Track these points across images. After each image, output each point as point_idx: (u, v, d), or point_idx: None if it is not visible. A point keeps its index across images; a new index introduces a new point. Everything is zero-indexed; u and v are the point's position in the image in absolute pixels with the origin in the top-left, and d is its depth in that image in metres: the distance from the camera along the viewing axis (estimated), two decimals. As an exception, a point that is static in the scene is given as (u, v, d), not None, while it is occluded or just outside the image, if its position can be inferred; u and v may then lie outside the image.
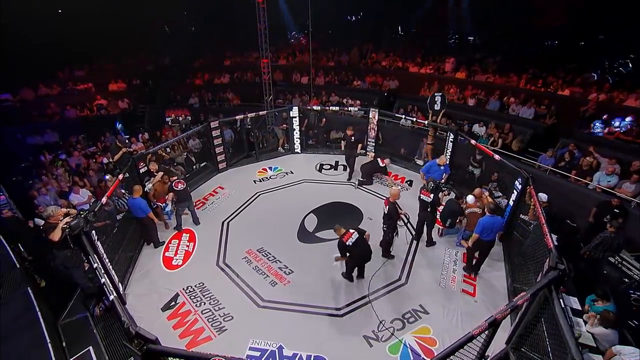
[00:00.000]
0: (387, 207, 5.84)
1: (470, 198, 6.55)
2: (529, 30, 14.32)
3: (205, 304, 5.45)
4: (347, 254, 5.59)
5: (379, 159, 9.05)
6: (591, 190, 7.33)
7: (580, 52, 12.71)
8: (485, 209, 5.71)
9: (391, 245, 6.27)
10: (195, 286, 5.79)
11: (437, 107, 9.35)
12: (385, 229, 6.05)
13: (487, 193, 7.07)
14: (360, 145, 8.95)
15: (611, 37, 12.03)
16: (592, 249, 5.89)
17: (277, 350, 4.69)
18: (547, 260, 4.08)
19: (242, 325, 5.09)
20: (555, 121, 9.74)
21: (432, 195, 6.04)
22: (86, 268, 5.25)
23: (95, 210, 5.07)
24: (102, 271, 4.61)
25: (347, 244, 5.34)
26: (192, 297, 5.58)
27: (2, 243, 5.76)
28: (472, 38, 16.54)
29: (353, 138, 8.97)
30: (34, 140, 11.78)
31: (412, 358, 4.59)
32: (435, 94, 9.40)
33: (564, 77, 10.81)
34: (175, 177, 7.33)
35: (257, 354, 4.64)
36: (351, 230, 5.42)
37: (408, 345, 4.73)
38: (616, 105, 9.13)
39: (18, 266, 5.36)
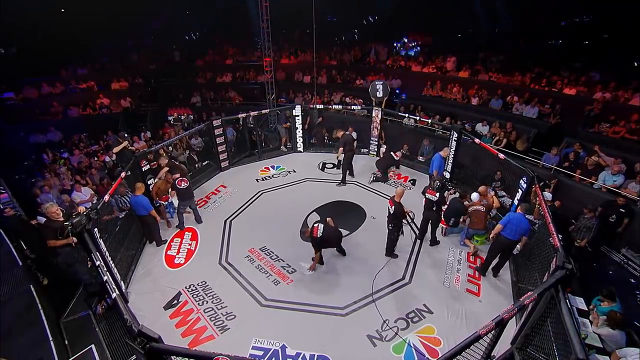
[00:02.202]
0: (393, 207, 5.80)
1: (474, 196, 6.50)
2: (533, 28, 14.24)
3: (207, 302, 5.43)
4: (322, 246, 5.85)
5: (392, 153, 8.99)
6: (596, 190, 7.26)
7: (585, 51, 12.62)
8: (520, 208, 5.59)
9: (395, 244, 6.23)
10: (197, 285, 5.77)
11: (379, 94, 9.55)
12: (390, 227, 6.01)
13: (492, 192, 7.03)
14: (341, 149, 8.64)
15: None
16: (580, 234, 6.09)
17: (280, 349, 4.66)
18: (554, 259, 4.04)
19: (245, 324, 5.06)
20: (559, 120, 9.69)
21: (437, 194, 6.00)
22: (89, 265, 5.23)
23: (98, 207, 5.05)
24: (105, 269, 4.58)
25: (318, 237, 5.59)
26: (194, 296, 5.56)
27: (5, 241, 5.74)
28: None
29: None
30: (36, 139, 11.78)
31: (416, 358, 4.56)
32: (377, 83, 9.63)
33: (569, 76, 10.75)
34: (179, 175, 7.30)
35: (260, 353, 4.61)
36: (315, 225, 5.66)
37: (412, 345, 4.69)
38: (621, 104, 9.07)
39: (20, 264, 5.34)
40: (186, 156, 10.22)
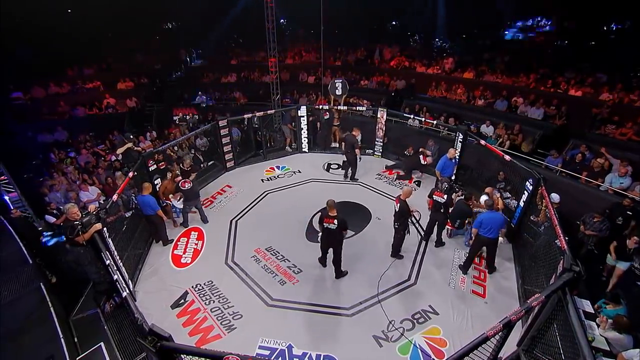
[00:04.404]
0: (398, 204, 5.81)
1: (483, 198, 6.48)
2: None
3: (214, 302, 5.47)
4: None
5: (421, 157, 9.02)
6: (602, 192, 7.23)
7: (591, 52, 12.55)
8: (484, 205, 5.70)
9: (401, 245, 6.24)
10: (204, 284, 5.81)
11: (338, 92, 9.77)
12: (397, 226, 6.01)
13: (498, 194, 7.01)
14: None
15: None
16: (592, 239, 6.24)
17: (286, 349, 4.69)
18: (561, 262, 4.04)
19: (252, 323, 5.09)
20: (565, 122, 9.65)
21: (445, 196, 6.01)
22: (98, 265, 5.29)
23: (107, 207, 5.12)
24: (114, 268, 4.64)
25: (323, 223, 5.55)
26: (201, 295, 5.60)
27: (15, 239, 5.83)
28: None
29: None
30: (43, 138, 11.90)
31: (422, 359, 4.57)
32: (336, 80, 9.94)
33: (575, 77, 10.70)
34: (180, 178, 7.31)
35: (267, 352, 4.64)
36: (335, 221, 5.39)
37: (418, 346, 4.71)
38: (627, 106, 9.03)
39: (31, 262, 5.42)
40: (191, 156, 10.28)
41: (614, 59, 11.06)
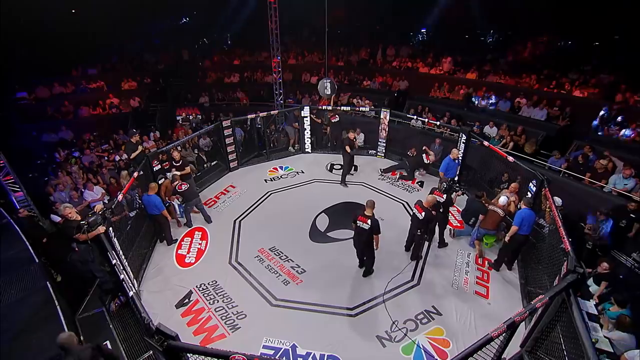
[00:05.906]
0: (423, 213, 5.73)
1: (502, 199, 6.38)
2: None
3: (218, 301, 5.50)
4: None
5: (423, 155, 9.01)
6: (606, 193, 7.21)
7: (595, 53, 12.48)
8: (523, 202, 5.67)
9: (422, 248, 6.20)
10: (208, 284, 5.85)
11: (327, 92, 9.86)
12: (419, 233, 5.93)
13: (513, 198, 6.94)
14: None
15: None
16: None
17: (290, 349, 4.71)
18: (565, 263, 4.05)
19: (256, 323, 5.12)
20: (568, 122, 9.63)
21: (444, 196, 6.02)
22: (105, 265, 5.33)
23: (113, 207, 5.16)
24: (121, 267, 4.68)
25: (357, 221, 5.51)
26: (205, 295, 5.63)
27: (21, 238, 5.88)
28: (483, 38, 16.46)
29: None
30: (48, 138, 11.98)
31: (425, 359, 4.59)
32: (325, 80, 9.93)
33: (579, 78, 10.67)
34: (177, 182, 7.30)
35: (271, 352, 4.66)
36: (368, 222, 5.37)
37: (421, 346, 4.73)
38: (631, 106, 9.00)
39: (37, 261, 5.47)
40: (195, 156, 10.33)
41: (617, 60, 11.01)
